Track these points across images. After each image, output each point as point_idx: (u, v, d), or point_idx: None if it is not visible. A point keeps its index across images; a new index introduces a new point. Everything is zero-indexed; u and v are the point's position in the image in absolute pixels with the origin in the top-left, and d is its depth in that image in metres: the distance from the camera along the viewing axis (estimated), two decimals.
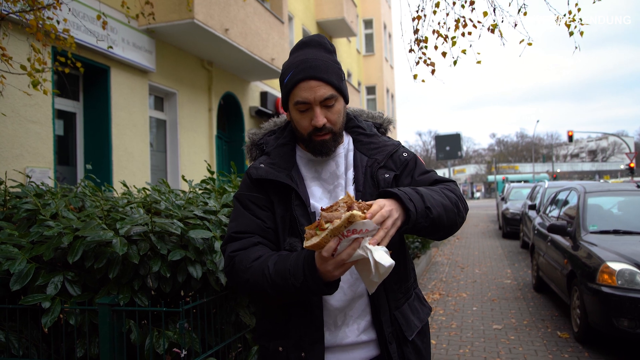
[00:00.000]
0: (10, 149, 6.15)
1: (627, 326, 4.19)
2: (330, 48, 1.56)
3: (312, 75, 1.46)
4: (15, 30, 4.93)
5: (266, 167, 1.55)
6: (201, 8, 8.56)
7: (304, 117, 1.50)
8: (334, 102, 1.49)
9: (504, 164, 74.36)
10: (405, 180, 1.58)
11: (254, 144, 1.71)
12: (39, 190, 2.67)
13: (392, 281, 1.54)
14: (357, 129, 1.66)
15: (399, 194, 1.33)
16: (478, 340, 5.03)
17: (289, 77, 1.49)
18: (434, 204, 1.39)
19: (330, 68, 1.49)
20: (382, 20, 25.55)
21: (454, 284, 7.91)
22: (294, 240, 1.49)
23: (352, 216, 1.17)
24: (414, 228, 1.36)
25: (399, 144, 1.65)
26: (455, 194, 1.53)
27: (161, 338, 2.05)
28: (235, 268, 1.42)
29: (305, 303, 1.47)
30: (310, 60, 1.48)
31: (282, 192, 1.52)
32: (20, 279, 1.97)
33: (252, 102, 12.89)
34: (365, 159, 1.59)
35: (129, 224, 2.12)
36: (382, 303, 1.52)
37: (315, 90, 1.46)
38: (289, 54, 1.58)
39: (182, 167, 9.79)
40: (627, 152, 28.46)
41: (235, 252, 1.45)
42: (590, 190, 6.17)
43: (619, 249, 4.67)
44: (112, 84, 7.89)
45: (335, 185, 1.58)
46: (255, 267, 1.38)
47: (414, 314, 1.60)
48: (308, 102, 1.47)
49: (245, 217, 1.52)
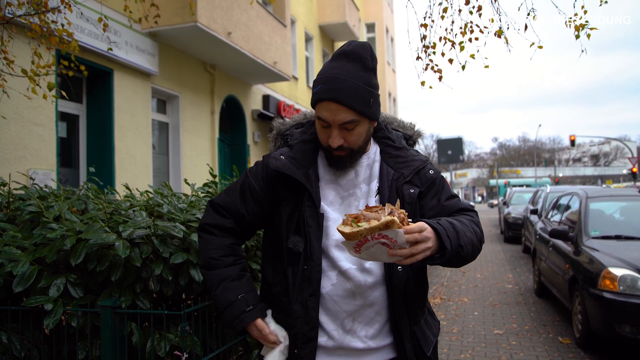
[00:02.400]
0: (14, 150, 6.17)
1: (628, 332, 4.18)
2: (369, 65, 1.49)
3: (335, 98, 1.43)
4: (20, 33, 4.96)
5: (286, 160, 1.54)
6: (204, 12, 8.59)
7: (324, 132, 1.50)
8: (355, 126, 1.47)
9: (506, 168, 74.32)
10: (432, 202, 1.58)
11: (280, 133, 1.70)
12: (43, 192, 2.68)
13: (414, 297, 1.55)
14: (386, 139, 1.64)
15: (439, 230, 1.35)
16: (479, 345, 5.02)
17: (317, 90, 1.47)
18: (466, 242, 1.42)
19: (357, 92, 1.44)
20: (385, 25, 25.59)
21: (455, 289, 7.90)
22: (298, 239, 1.50)
23: (391, 221, 1.20)
24: (443, 262, 1.40)
25: (427, 160, 1.62)
26: (479, 227, 1.55)
27: (162, 341, 2.05)
28: (200, 245, 1.62)
29: (303, 303, 1.49)
30: (339, 81, 1.43)
31: (295, 189, 1.53)
32: (23, 281, 1.98)
33: (255, 105, 12.91)
34: (391, 172, 1.57)
35: (132, 227, 2.13)
36: (403, 319, 1.52)
37: (335, 113, 1.44)
38: (330, 57, 1.54)
39: (184, 170, 9.81)
40: (630, 157, 28.42)
41: (209, 226, 1.60)
42: (592, 195, 6.16)
43: (621, 254, 4.66)
44: (115, 86, 7.92)
45: (350, 194, 1.57)
46: (207, 269, 1.58)
47: (429, 329, 1.62)
48: (327, 121, 1.46)
49: (236, 198, 1.59)
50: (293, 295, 1.50)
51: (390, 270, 1.50)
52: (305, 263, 1.49)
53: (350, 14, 18.01)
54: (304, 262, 1.49)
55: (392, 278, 1.50)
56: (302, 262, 1.49)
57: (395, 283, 1.50)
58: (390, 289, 1.51)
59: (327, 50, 19.00)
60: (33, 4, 4.01)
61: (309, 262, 1.49)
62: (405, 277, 1.51)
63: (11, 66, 3.98)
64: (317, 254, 1.48)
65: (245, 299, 1.52)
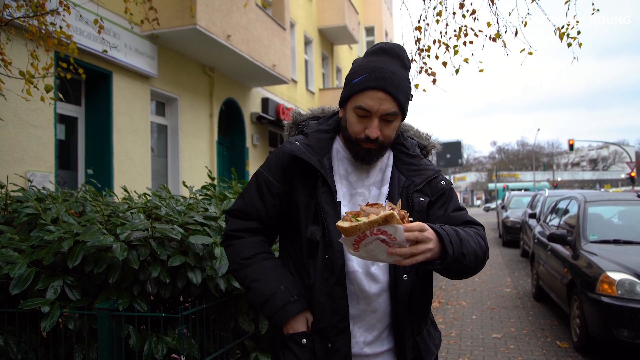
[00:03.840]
0: (12, 152, 6.16)
1: (627, 336, 4.18)
2: (407, 64, 1.50)
3: (384, 87, 1.42)
4: (19, 35, 4.96)
5: (301, 145, 1.53)
6: (204, 14, 8.60)
7: (360, 122, 1.47)
8: (394, 119, 1.47)
9: (505, 172, 74.36)
10: (438, 212, 1.55)
11: (295, 123, 1.69)
12: (40, 194, 2.68)
13: (418, 307, 1.53)
14: (400, 146, 1.63)
15: (441, 233, 1.32)
16: (477, 349, 5.01)
17: (360, 79, 1.45)
18: (469, 252, 1.39)
19: (402, 85, 1.45)
20: (384, 28, 25.64)
21: (453, 292, 7.89)
22: (316, 228, 1.47)
23: (390, 215, 1.18)
24: (444, 269, 1.36)
25: (439, 170, 1.61)
26: (484, 241, 1.52)
27: (160, 344, 2.05)
28: (229, 254, 1.58)
29: (329, 292, 1.45)
30: (386, 71, 1.43)
31: (309, 177, 1.51)
32: (20, 283, 1.97)
33: (254, 108, 12.92)
34: (403, 179, 1.56)
35: (130, 229, 2.12)
36: (407, 329, 1.50)
37: (381, 102, 1.43)
38: (363, 54, 1.53)
39: (183, 173, 9.80)
40: (628, 161, 28.45)
41: (234, 231, 1.57)
42: (590, 199, 6.17)
43: (619, 258, 4.67)
44: (114, 89, 7.92)
45: (357, 192, 1.55)
46: (242, 268, 1.53)
47: (431, 340, 1.59)
48: (370, 110, 1.44)
49: (254, 198, 1.56)
50: (317, 286, 1.46)
51: (396, 278, 1.47)
52: (326, 251, 1.45)
53: (349, 18, 18.04)
54: (324, 250, 1.45)
55: (397, 286, 1.47)
56: (322, 251, 1.46)
57: (400, 292, 1.47)
58: (394, 298, 1.48)
59: (326, 54, 19.03)
60: (32, 6, 4.01)
61: (329, 250, 1.45)
62: (410, 286, 1.48)
63: (9, 68, 3.97)
64: (336, 241, 1.44)
65: (288, 290, 1.46)
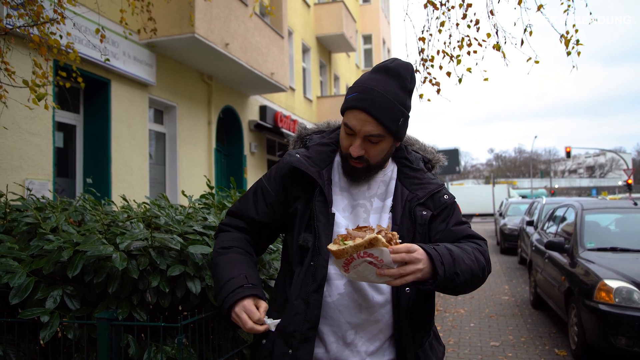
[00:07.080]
0: (10, 160, 6.16)
1: (624, 344, 4.18)
2: (407, 85, 1.49)
3: (366, 109, 1.44)
4: (19, 44, 4.98)
5: (301, 157, 1.56)
6: (202, 23, 8.64)
7: (347, 139, 1.51)
8: (379, 140, 1.48)
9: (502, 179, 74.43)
10: (440, 226, 1.56)
11: (300, 137, 1.73)
12: (40, 203, 2.68)
13: (421, 320, 1.53)
14: (404, 160, 1.64)
15: (432, 254, 1.33)
16: (475, 357, 5.01)
17: (351, 97, 1.49)
18: (463, 270, 1.39)
19: (390, 109, 1.45)
20: (382, 36, 25.76)
21: (451, 300, 7.89)
22: (308, 235, 1.50)
23: (375, 239, 1.21)
24: (437, 288, 1.38)
25: (442, 184, 1.62)
26: (484, 256, 1.51)
27: (159, 353, 2.05)
28: (215, 242, 1.64)
29: (305, 299, 1.45)
30: (374, 93, 1.44)
31: (308, 188, 1.54)
32: (19, 293, 1.97)
33: (252, 116, 12.95)
34: (406, 192, 1.57)
35: (129, 238, 2.13)
36: (408, 341, 1.50)
37: (363, 123, 1.45)
38: (371, 69, 1.55)
39: (181, 180, 9.81)
40: (625, 169, 28.53)
41: (225, 225, 1.66)
42: (587, 207, 6.19)
43: (616, 266, 4.68)
44: (112, 97, 7.94)
45: (358, 204, 1.57)
46: (217, 256, 1.57)
47: (433, 353, 1.59)
48: (354, 130, 1.47)
49: (248, 203, 1.63)
50: (295, 290, 1.47)
51: (398, 291, 1.48)
52: (313, 258, 1.47)
53: (347, 26, 18.14)
54: (311, 257, 1.47)
55: (400, 299, 1.48)
56: (310, 258, 1.47)
57: (403, 304, 1.48)
58: (397, 309, 1.49)
59: (324, 62, 19.10)
60: (33, 15, 4.03)
61: (316, 257, 1.47)
62: (412, 299, 1.49)
63: (12, 77, 3.99)
64: (325, 250, 1.45)
65: (246, 277, 1.46)
